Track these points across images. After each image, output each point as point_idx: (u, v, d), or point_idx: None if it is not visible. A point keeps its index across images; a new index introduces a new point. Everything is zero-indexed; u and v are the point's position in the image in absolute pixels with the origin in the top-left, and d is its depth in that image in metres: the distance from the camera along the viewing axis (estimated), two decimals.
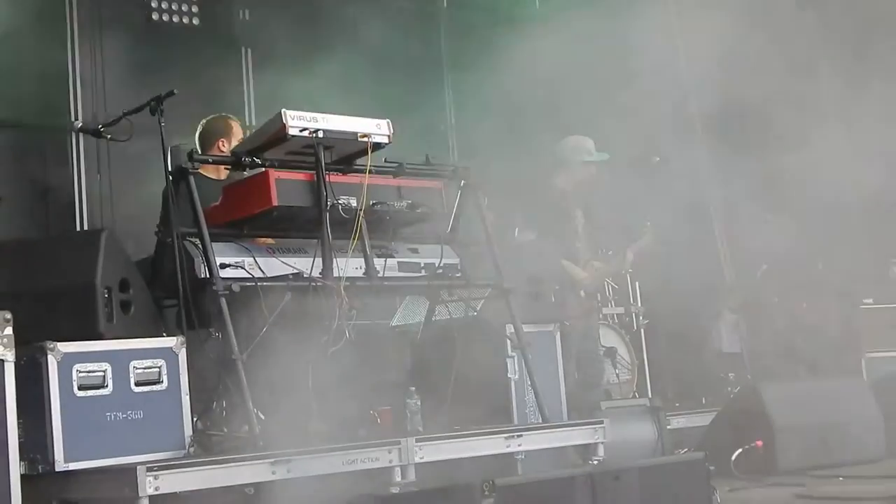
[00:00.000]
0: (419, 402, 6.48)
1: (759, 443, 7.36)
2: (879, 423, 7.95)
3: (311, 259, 6.23)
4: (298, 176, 6.31)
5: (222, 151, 7.26)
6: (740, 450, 7.30)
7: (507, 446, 6.45)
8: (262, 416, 5.91)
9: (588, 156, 8.78)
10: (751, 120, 10.65)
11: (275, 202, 6.18)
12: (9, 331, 4.99)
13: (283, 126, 6.16)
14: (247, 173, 6.48)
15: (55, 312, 5.68)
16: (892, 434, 7.94)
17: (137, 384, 5.66)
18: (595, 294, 9.18)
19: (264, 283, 6.10)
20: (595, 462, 6.68)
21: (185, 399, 5.79)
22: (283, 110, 6.18)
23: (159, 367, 5.74)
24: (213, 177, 7.15)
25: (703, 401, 9.25)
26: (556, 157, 8.87)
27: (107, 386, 5.56)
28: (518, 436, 6.51)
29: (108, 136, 6.61)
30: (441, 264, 6.80)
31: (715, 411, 8.05)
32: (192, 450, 5.71)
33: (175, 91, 6.15)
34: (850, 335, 9.83)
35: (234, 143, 7.29)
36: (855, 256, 10.88)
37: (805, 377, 9.49)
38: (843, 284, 10.16)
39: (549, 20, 11.69)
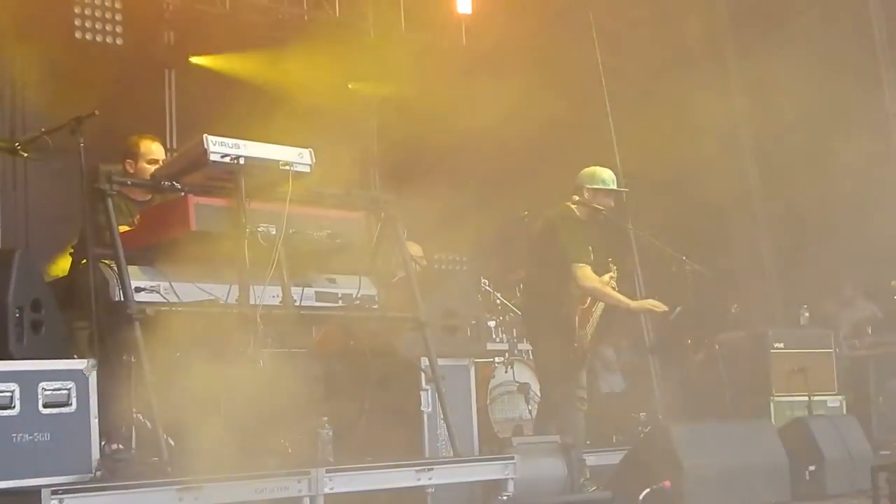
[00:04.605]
0: (330, 433, 6.46)
1: (668, 483, 7.42)
2: (785, 466, 8.06)
3: (228, 286, 6.21)
4: (218, 201, 6.27)
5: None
6: (648, 489, 7.35)
7: (418, 479, 6.44)
8: (172, 442, 5.86)
9: (604, 185, 8.44)
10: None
11: (193, 227, 6.13)
12: None
13: (205, 151, 6.11)
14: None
15: None
16: (796, 478, 8.05)
17: (46, 406, 5.60)
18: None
19: (179, 309, 6.06)
20: (504, 498, 6.70)
21: (94, 422, 5.73)
22: (204, 135, 6.13)
23: (69, 390, 5.68)
24: (139, 199, 7.03)
25: (614, 439, 9.31)
26: (575, 184, 8.49)
27: (14, 407, 5.49)
28: (429, 469, 6.50)
29: (25, 154, 6.53)
30: (358, 295, 6.79)
31: (625, 450, 8.11)
32: (98, 474, 5.65)
33: (96, 112, 6.09)
34: (760, 378, 9.97)
35: (143, 164, 7.15)
36: (768, 301, 11.06)
37: (714, 419, 9.61)
38: (756, 328, 10.31)
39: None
